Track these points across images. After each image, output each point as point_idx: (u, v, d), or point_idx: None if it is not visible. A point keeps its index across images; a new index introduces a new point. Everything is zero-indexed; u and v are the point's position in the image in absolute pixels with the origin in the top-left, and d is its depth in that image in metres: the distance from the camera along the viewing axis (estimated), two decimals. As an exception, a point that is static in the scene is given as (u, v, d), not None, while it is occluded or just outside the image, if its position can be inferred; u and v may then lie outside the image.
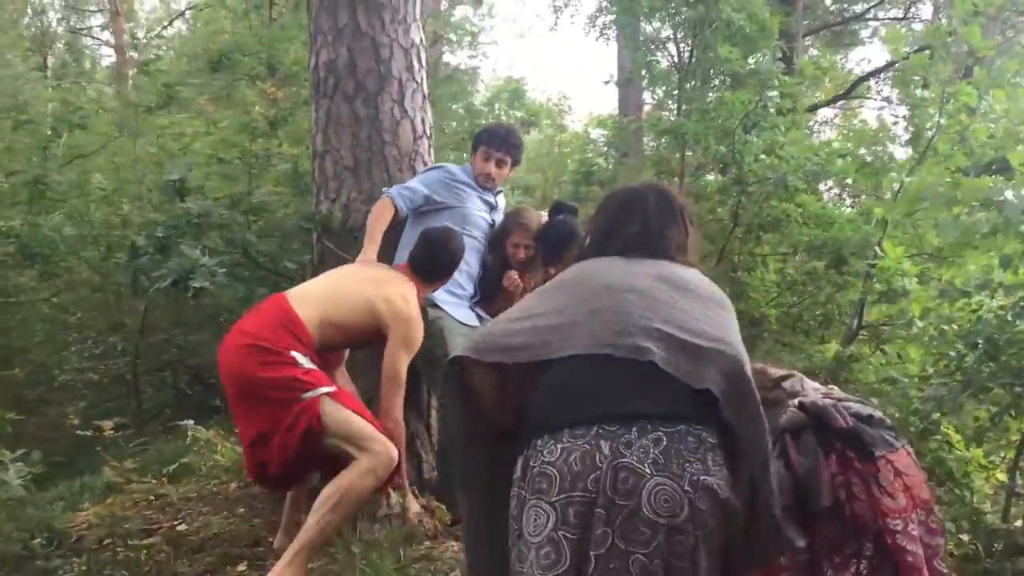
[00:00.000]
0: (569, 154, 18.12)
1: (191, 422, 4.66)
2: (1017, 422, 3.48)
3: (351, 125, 4.53)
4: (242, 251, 4.49)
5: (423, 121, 4.71)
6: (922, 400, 3.25)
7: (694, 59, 8.95)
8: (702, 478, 1.94)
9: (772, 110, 7.50)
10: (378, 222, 4.12)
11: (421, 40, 4.77)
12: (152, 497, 4.81)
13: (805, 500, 2.35)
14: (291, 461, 3.33)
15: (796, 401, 2.55)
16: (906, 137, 7.74)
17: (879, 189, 7.18)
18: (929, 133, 5.97)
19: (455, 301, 4.32)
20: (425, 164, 4.69)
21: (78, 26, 25.33)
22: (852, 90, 15.44)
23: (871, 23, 18.20)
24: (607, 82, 14.63)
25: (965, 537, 4.50)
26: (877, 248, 5.34)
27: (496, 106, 20.46)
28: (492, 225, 4.57)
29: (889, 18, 17.67)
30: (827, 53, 8.68)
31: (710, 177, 8.71)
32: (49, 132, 6.04)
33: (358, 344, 3.84)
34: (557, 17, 19.44)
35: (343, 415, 3.33)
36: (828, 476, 2.39)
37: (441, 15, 21.25)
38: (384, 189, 4.30)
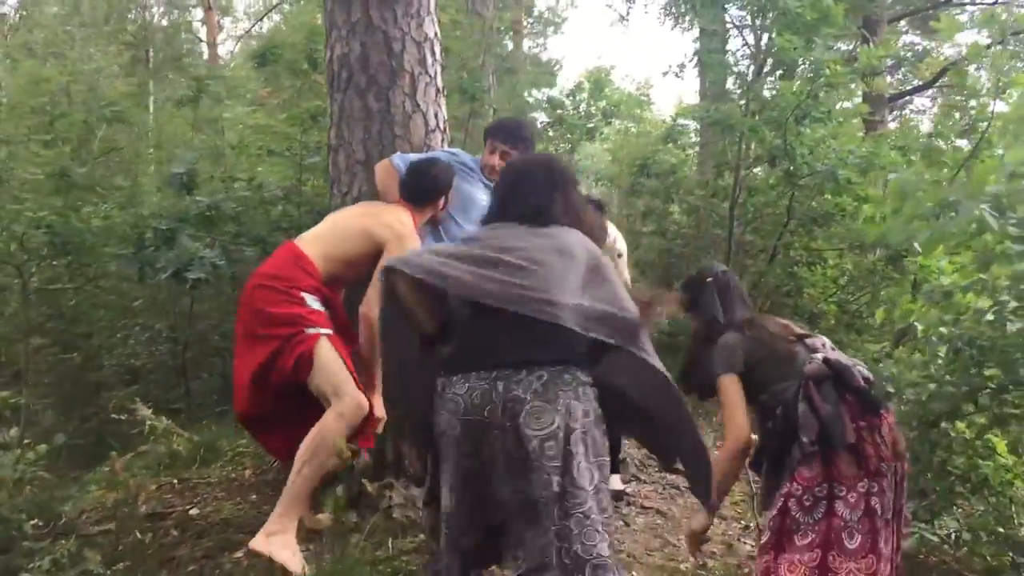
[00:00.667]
0: (653, 143, 17.87)
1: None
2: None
3: (363, 119, 4.56)
4: (255, 243, 4.58)
5: (436, 115, 4.70)
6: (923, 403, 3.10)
7: (759, 48, 8.72)
8: (571, 402, 2.60)
9: (822, 101, 7.22)
10: (383, 184, 4.27)
11: (436, 34, 4.76)
12: (175, 481, 4.98)
13: (828, 437, 2.89)
14: (280, 394, 3.67)
15: (821, 356, 3.07)
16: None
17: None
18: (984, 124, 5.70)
19: None
20: (438, 158, 4.69)
21: (178, 20, 26.31)
22: (939, 78, 14.79)
23: (968, 7, 17.47)
24: (665, 73, 14.32)
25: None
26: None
27: (577, 96, 20.37)
28: None
29: (986, 2, 16.93)
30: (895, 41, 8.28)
31: (759, 171, 8.49)
32: (84, 124, 6.25)
33: (365, 273, 3.91)
34: (629, 6, 19.05)
35: (331, 356, 3.60)
36: (849, 419, 2.91)
37: (522, 3, 21.33)
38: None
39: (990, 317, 2.96)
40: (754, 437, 3.20)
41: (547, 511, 2.54)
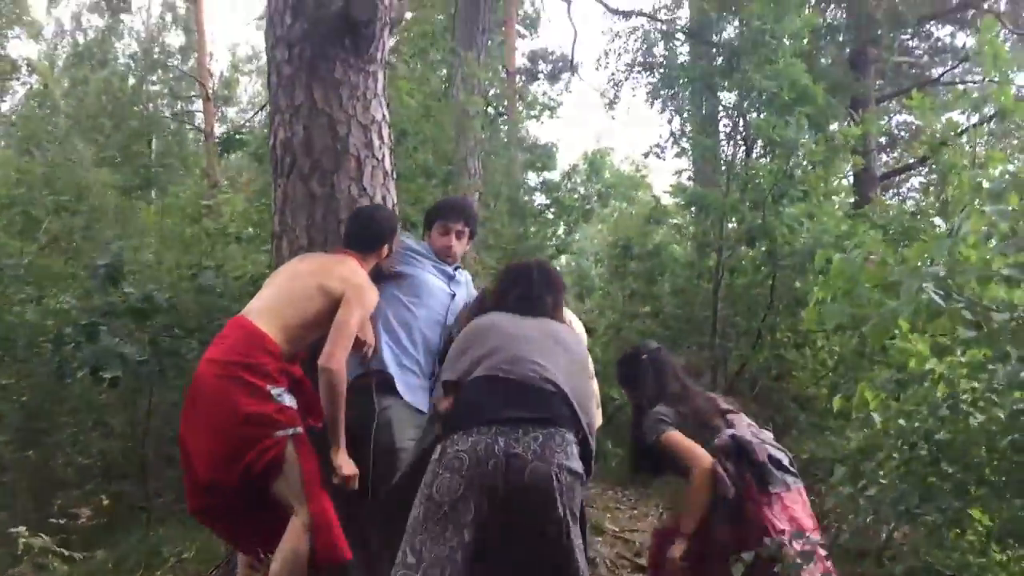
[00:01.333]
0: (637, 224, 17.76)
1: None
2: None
3: (307, 205, 4.38)
4: (188, 334, 4.37)
5: (384, 199, 4.53)
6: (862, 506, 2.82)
7: (748, 129, 8.64)
8: (563, 462, 2.92)
9: (800, 180, 7.07)
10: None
11: (384, 117, 4.62)
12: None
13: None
14: (245, 488, 3.39)
15: (730, 432, 3.49)
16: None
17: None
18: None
19: (411, 383, 4.06)
20: (387, 243, 4.51)
21: (181, 110, 26.68)
22: (928, 157, 14.69)
23: (960, 85, 17.52)
24: (646, 154, 14.35)
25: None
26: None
27: (573, 178, 20.38)
28: (453, 297, 4.33)
29: (976, 81, 16.98)
30: (871, 120, 8.16)
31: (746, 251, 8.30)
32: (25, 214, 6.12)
33: (326, 333, 3.71)
34: (616, 92, 19.20)
35: (297, 462, 3.41)
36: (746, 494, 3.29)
37: (517, 88, 21.52)
38: None
39: (944, 412, 2.71)
40: None
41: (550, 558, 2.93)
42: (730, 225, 8.42)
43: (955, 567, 4.20)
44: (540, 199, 20.40)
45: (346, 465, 3.58)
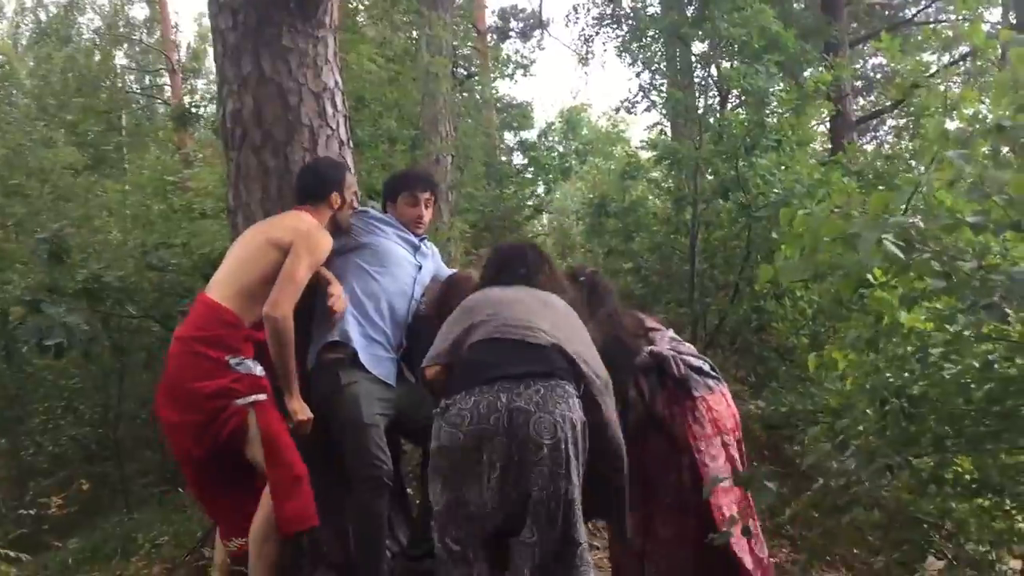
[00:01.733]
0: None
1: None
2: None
3: (260, 178, 4.24)
4: (144, 314, 4.25)
5: (341, 169, 4.39)
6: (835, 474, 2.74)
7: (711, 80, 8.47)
8: (567, 414, 2.98)
9: (772, 128, 6.93)
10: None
11: (337, 83, 4.46)
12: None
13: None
14: (216, 455, 3.50)
15: (648, 349, 3.75)
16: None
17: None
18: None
19: (378, 356, 3.96)
20: (345, 214, 4.37)
21: (149, 84, 26.19)
22: (902, 100, 14.56)
23: (933, 25, 17.33)
24: (617, 109, 14.19)
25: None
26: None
27: (551, 137, 20.16)
28: (420, 268, 4.21)
29: (950, 21, 16.80)
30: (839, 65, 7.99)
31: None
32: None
33: None
34: (588, 48, 18.95)
35: (262, 427, 3.45)
36: (663, 405, 3.65)
37: (488, 48, 21.20)
38: None
39: (914, 365, 2.63)
40: None
41: (556, 510, 2.97)
42: (708, 178, 8.30)
43: (937, 515, 4.17)
44: (518, 159, 20.30)
45: (300, 410, 3.59)
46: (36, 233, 6.30)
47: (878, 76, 19.72)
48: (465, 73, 13.81)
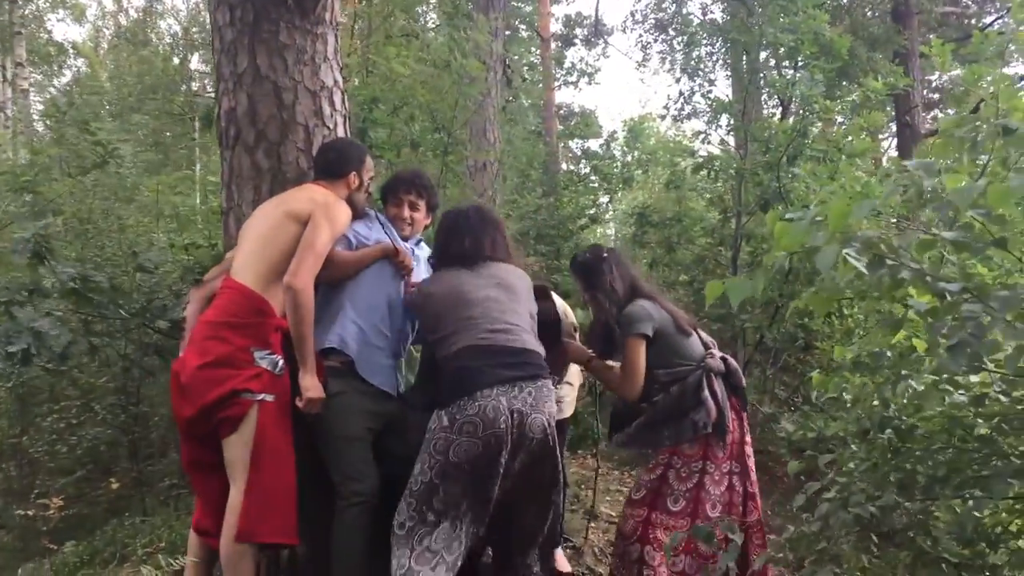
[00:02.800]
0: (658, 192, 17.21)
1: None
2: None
3: (253, 178, 4.12)
4: (131, 315, 4.15)
5: (336, 170, 4.25)
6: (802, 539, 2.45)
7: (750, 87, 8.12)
8: (551, 411, 3.38)
9: (816, 139, 6.59)
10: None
11: (336, 81, 4.32)
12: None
13: (719, 424, 3.73)
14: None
15: (719, 355, 3.95)
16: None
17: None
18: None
19: (378, 363, 3.79)
20: (340, 217, 4.23)
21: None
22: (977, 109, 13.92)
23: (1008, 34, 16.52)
24: (663, 116, 13.86)
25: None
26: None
27: (611, 146, 19.91)
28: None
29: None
30: (891, 74, 7.51)
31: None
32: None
33: None
34: (646, 56, 18.66)
35: (259, 427, 3.31)
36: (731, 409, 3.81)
37: (551, 54, 21.06)
38: None
39: (893, 395, 2.34)
40: None
41: (552, 493, 3.50)
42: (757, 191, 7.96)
43: (969, 556, 3.82)
44: (582, 167, 20.10)
45: (313, 388, 3.45)
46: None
47: (952, 88, 19.01)
48: (522, 79, 13.61)
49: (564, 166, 20.59)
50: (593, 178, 16.71)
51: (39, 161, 7.19)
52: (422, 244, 4.25)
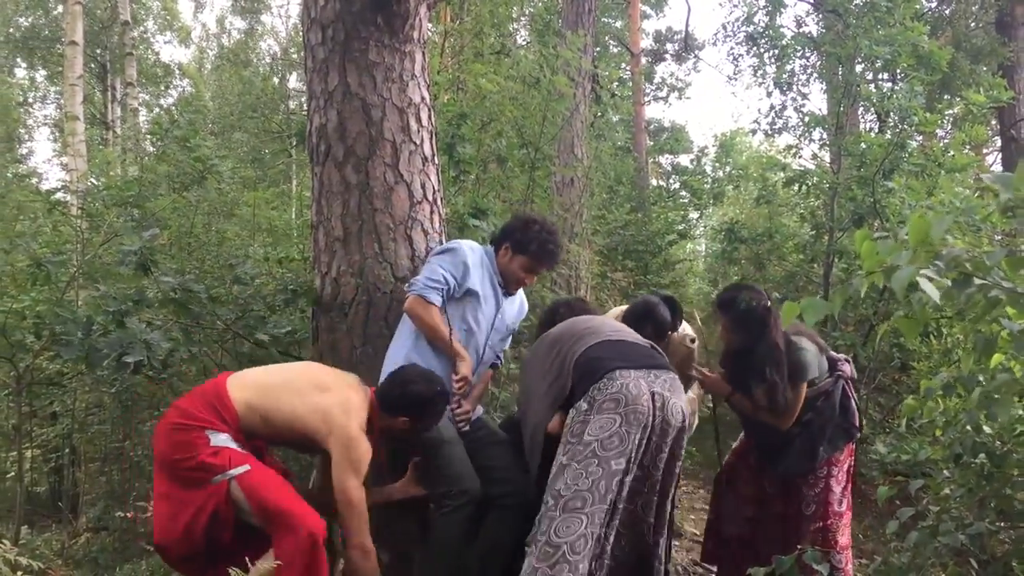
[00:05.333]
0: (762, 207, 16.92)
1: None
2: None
3: (341, 193, 4.22)
4: (225, 326, 4.27)
5: (423, 186, 4.31)
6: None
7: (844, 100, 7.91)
8: (685, 403, 3.32)
9: (911, 152, 6.37)
10: (432, 319, 3.76)
11: (424, 99, 4.39)
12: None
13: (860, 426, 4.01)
14: (196, 542, 3.20)
15: (845, 364, 4.14)
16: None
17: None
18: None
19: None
20: (426, 232, 4.28)
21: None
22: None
23: None
24: (754, 131, 13.55)
25: None
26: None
27: (702, 161, 19.70)
28: (499, 308, 4.04)
29: None
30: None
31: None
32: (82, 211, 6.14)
33: (291, 446, 3.60)
34: (737, 68, 18.35)
35: (256, 496, 3.17)
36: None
37: (641, 69, 20.93)
38: (410, 286, 3.86)
39: (984, 423, 2.24)
40: None
41: (672, 491, 3.45)
42: (847, 205, 7.76)
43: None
44: (672, 183, 19.94)
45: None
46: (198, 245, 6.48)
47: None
48: (610, 95, 13.58)
49: (653, 182, 20.47)
50: (683, 193, 16.58)
51: (148, 177, 7.49)
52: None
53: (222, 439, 3.23)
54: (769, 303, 3.94)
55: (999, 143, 15.09)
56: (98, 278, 4.70)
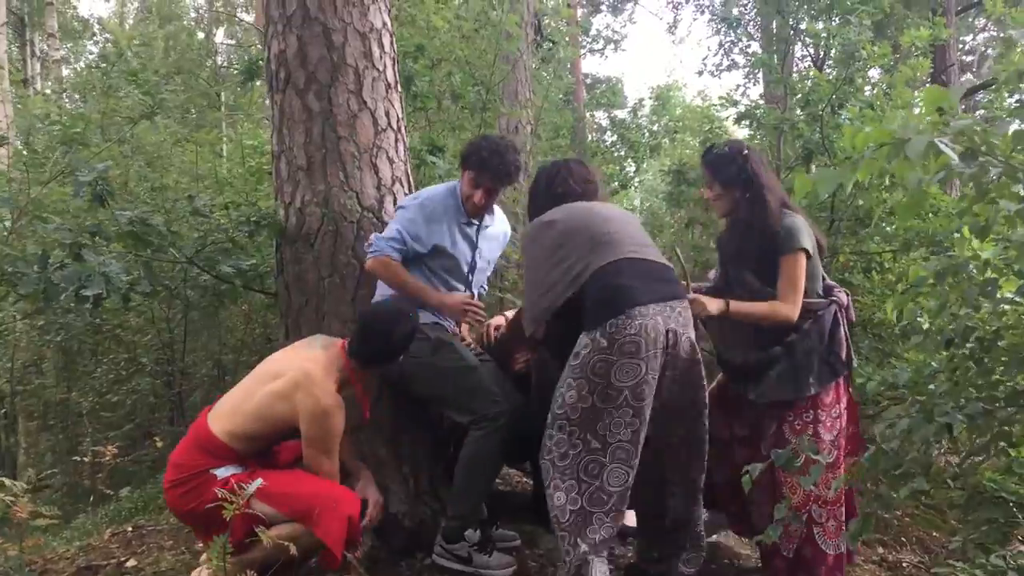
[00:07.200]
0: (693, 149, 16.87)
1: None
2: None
3: (304, 121, 4.12)
4: (187, 260, 4.15)
5: (387, 113, 4.23)
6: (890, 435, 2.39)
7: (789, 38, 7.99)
8: (693, 334, 3.24)
9: (862, 87, 6.46)
10: (397, 277, 3.74)
11: (385, 24, 4.30)
12: (130, 529, 4.57)
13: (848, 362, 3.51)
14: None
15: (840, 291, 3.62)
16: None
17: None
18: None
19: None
20: (391, 160, 4.22)
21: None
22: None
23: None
24: (700, 73, 13.64)
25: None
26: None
27: (639, 114, 19.74)
28: (476, 248, 3.98)
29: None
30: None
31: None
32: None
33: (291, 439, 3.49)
34: (676, 16, 18.42)
35: (282, 503, 3.25)
36: None
37: (579, 22, 20.86)
38: (370, 245, 3.80)
39: (985, 304, 2.29)
40: None
41: (701, 423, 3.36)
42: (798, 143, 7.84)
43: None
44: (608, 136, 19.97)
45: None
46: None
47: (989, 51, 18.69)
48: (550, 43, 13.49)
49: (589, 136, 20.47)
50: (619, 146, 16.63)
51: (92, 116, 7.23)
52: (495, 217, 4.12)
53: (226, 471, 3.27)
54: (747, 151, 3.60)
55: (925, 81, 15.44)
56: (45, 217, 4.51)
